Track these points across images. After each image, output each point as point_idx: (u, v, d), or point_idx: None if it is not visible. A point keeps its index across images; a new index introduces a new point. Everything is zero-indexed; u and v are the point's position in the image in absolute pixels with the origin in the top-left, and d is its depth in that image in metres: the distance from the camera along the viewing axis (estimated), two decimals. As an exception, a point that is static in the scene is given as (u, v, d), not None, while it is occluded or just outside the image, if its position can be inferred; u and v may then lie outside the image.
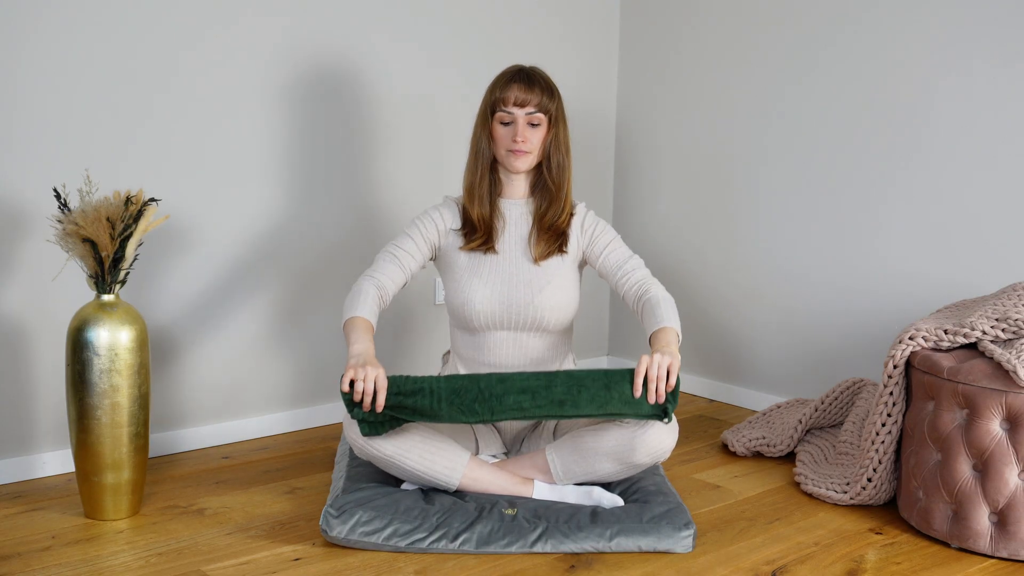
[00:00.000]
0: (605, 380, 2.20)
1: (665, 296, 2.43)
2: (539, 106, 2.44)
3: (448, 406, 2.20)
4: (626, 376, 2.20)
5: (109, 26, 2.62)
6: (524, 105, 2.43)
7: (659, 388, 2.17)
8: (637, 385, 2.17)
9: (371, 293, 2.40)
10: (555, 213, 2.50)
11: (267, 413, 3.04)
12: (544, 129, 2.47)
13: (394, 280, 2.46)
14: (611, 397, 2.19)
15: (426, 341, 3.31)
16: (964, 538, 2.25)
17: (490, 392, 2.20)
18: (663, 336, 2.32)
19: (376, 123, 3.14)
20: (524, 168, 2.47)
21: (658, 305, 2.40)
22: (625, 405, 2.19)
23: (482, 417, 2.20)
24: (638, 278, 2.49)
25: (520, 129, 2.43)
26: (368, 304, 2.38)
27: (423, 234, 2.51)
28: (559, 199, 2.50)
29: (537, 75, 2.48)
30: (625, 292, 2.50)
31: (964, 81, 2.80)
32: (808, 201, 3.19)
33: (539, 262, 2.49)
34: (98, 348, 2.28)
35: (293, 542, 2.25)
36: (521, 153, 2.45)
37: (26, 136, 2.54)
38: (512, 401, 2.20)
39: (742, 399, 3.42)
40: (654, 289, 2.46)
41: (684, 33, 3.52)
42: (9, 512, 2.40)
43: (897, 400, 2.42)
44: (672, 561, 2.20)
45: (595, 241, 2.54)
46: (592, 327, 3.80)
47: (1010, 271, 2.73)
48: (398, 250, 2.49)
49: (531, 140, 2.45)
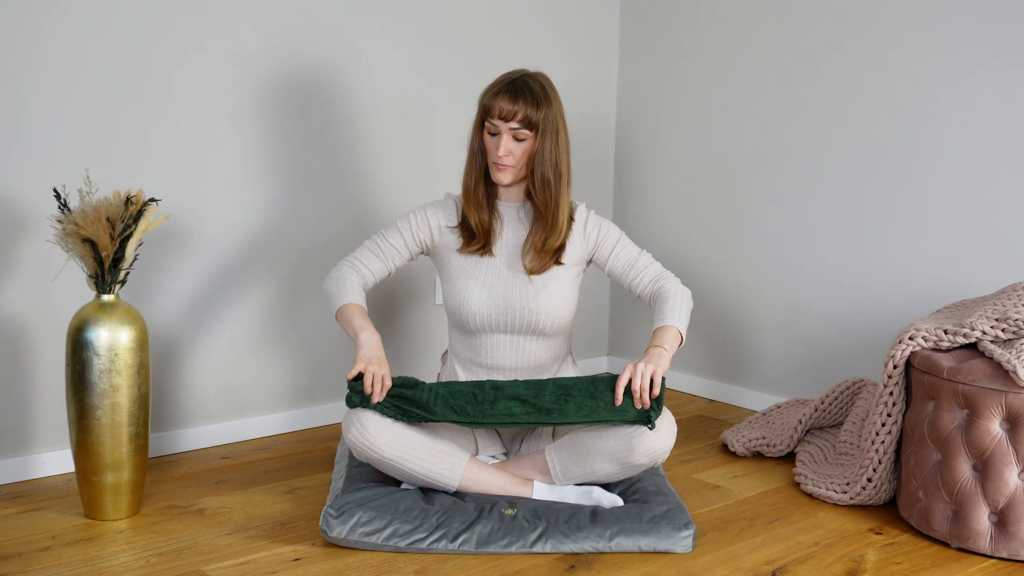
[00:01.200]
0: (591, 389, 2.28)
1: (676, 289, 2.44)
2: (523, 120, 2.36)
3: (443, 404, 2.29)
4: (611, 385, 2.28)
5: (110, 27, 2.62)
6: (509, 119, 2.37)
7: (643, 396, 2.24)
8: (618, 395, 2.24)
9: (352, 278, 2.46)
10: (545, 234, 2.45)
11: (267, 413, 3.04)
12: (529, 143, 2.39)
13: (374, 272, 2.51)
14: (596, 406, 2.26)
15: (426, 341, 3.31)
16: (964, 538, 2.25)
17: (483, 397, 2.30)
18: (659, 336, 2.35)
19: (374, 125, 3.14)
20: (507, 181, 2.43)
21: (665, 300, 2.42)
22: (611, 412, 2.26)
23: (472, 418, 2.29)
24: (652, 275, 2.50)
25: (503, 142, 2.37)
26: (355, 288, 2.45)
27: (412, 231, 2.52)
28: (547, 219, 2.43)
29: (526, 86, 2.39)
30: (641, 292, 2.51)
31: (964, 83, 2.80)
32: (808, 202, 3.19)
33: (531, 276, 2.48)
34: (98, 348, 2.28)
35: (293, 542, 2.25)
36: (504, 167, 2.41)
37: (26, 136, 2.54)
38: (502, 407, 2.29)
39: (742, 399, 3.42)
40: (667, 283, 2.47)
41: (684, 36, 3.52)
42: (9, 512, 2.40)
43: (897, 400, 2.42)
44: (672, 561, 2.20)
45: (601, 245, 2.53)
46: (592, 327, 3.80)
47: (1010, 271, 2.73)
48: (384, 242, 2.52)
49: (515, 154, 2.39)
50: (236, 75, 2.85)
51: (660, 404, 2.26)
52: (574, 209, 2.54)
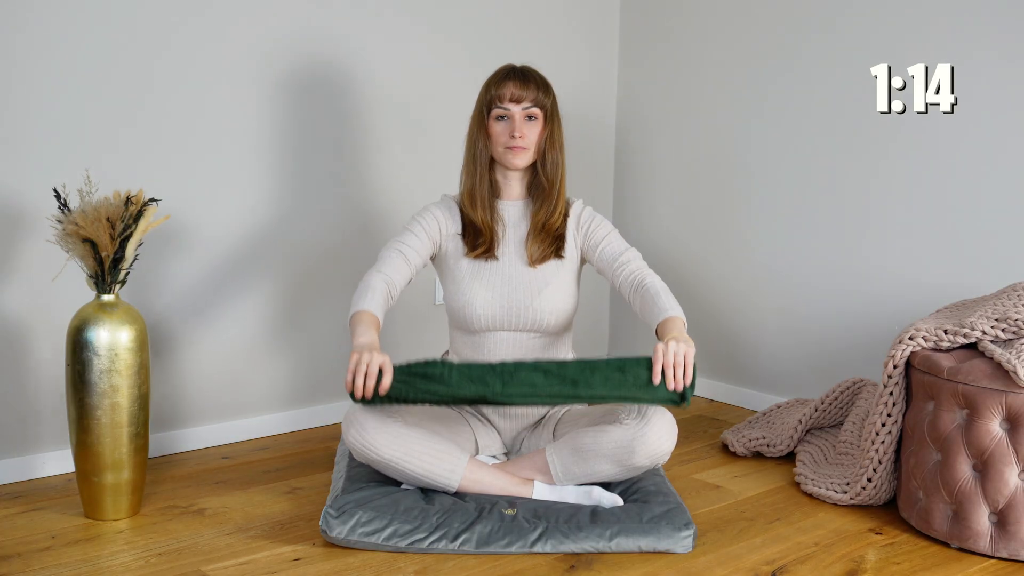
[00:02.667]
0: (619, 364, 2.20)
1: (663, 285, 2.43)
2: (535, 101, 2.44)
3: (458, 374, 2.18)
4: (641, 363, 2.20)
5: (110, 27, 2.62)
6: (520, 101, 2.44)
7: (676, 374, 2.17)
8: (656, 372, 2.17)
9: (379, 288, 2.38)
10: (548, 211, 2.50)
11: (267, 413, 3.04)
12: (540, 125, 2.47)
13: (401, 275, 2.45)
14: (625, 379, 2.18)
15: (426, 341, 3.31)
16: (964, 538, 2.25)
17: (502, 368, 2.20)
18: (672, 325, 2.30)
19: (374, 123, 3.14)
20: (522, 164, 2.47)
21: (658, 295, 2.39)
22: (640, 389, 2.18)
23: (492, 388, 2.17)
24: (633, 268, 2.48)
25: (517, 124, 2.43)
26: (376, 298, 2.36)
27: (427, 231, 2.50)
28: (552, 196, 2.50)
29: (531, 72, 2.49)
30: (620, 283, 2.49)
31: (963, 82, 2.80)
32: (808, 201, 3.19)
33: (535, 265, 2.49)
34: (98, 348, 2.28)
35: (293, 542, 2.25)
36: (519, 149, 2.44)
37: (26, 136, 2.54)
38: (524, 376, 2.19)
39: (742, 399, 3.42)
40: (650, 278, 2.45)
41: (684, 35, 3.52)
42: (9, 512, 2.40)
43: (897, 400, 2.42)
44: (672, 561, 2.20)
45: (591, 236, 2.53)
46: (592, 327, 3.80)
47: (1010, 271, 2.73)
48: (403, 246, 2.47)
49: (528, 136, 2.45)
50: (236, 75, 2.85)
51: (694, 383, 2.20)
52: (570, 205, 2.56)
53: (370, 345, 2.21)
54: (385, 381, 2.16)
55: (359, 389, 2.16)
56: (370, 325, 2.29)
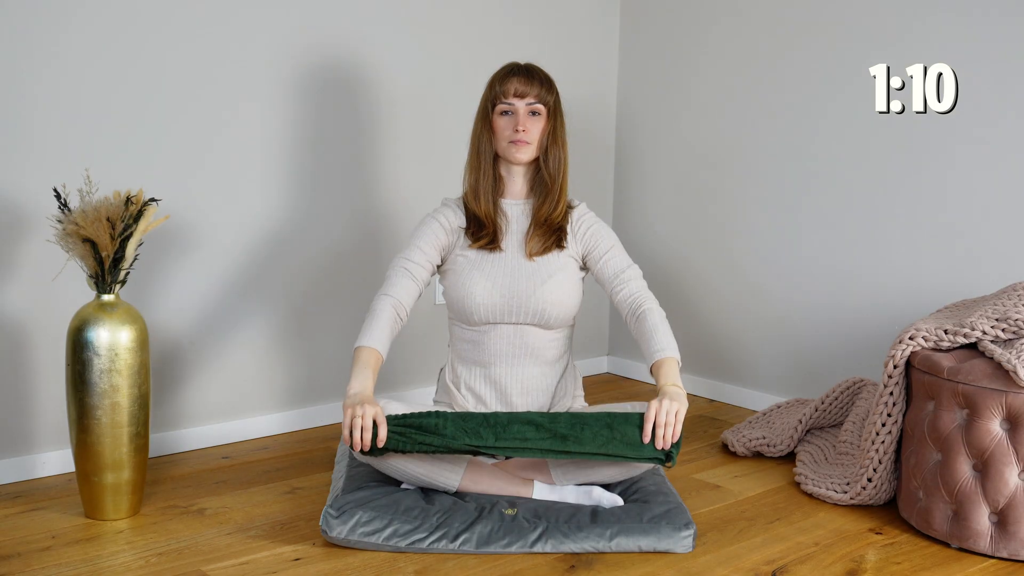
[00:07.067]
0: (608, 420, 2.23)
1: (661, 314, 2.44)
2: (539, 97, 2.47)
3: (453, 425, 2.21)
4: (630, 419, 2.23)
5: (110, 26, 2.62)
6: (524, 96, 2.46)
7: (666, 435, 2.20)
8: (647, 432, 2.20)
9: (386, 315, 2.40)
10: (551, 207, 2.50)
11: (267, 413, 3.04)
12: (543, 121, 2.48)
13: (410, 294, 2.46)
14: (613, 437, 2.22)
15: (426, 341, 3.31)
16: (964, 538, 2.25)
17: (495, 420, 2.23)
18: (668, 371, 2.32)
19: (378, 124, 3.14)
20: (525, 159, 2.48)
21: (656, 329, 2.39)
22: (626, 447, 2.22)
23: (486, 441, 2.21)
24: (633, 289, 2.48)
25: (521, 119, 2.45)
26: (382, 329, 2.38)
27: (432, 241, 2.51)
28: (554, 192, 2.51)
29: (535, 69, 2.51)
30: (619, 301, 2.50)
31: (963, 81, 2.80)
32: (808, 201, 3.20)
33: (534, 258, 2.49)
34: (98, 348, 2.28)
35: (293, 542, 2.25)
36: (523, 143, 2.46)
37: (26, 136, 2.54)
38: (516, 430, 2.22)
39: (742, 399, 3.42)
40: (648, 303, 2.45)
41: (684, 33, 3.52)
42: (9, 512, 2.40)
43: (897, 400, 2.42)
44: (672, 561, 2.20)
45: (595, 247, 2.53)
46: (592, 327, 3.80)
47: (1010, 271, 2.73)
48: (408, 263, 2.47)
49: (531, 130, 2.46)
50: (237, 76, 2.85)
51: (679, 443, 2.24)
52: (573, 205, 2.57)
53: (361, 396, 2.23)
54: (381, 433, 2.19)
55: (357, 443, 2.19)
56: (367, 366, 2.31)
